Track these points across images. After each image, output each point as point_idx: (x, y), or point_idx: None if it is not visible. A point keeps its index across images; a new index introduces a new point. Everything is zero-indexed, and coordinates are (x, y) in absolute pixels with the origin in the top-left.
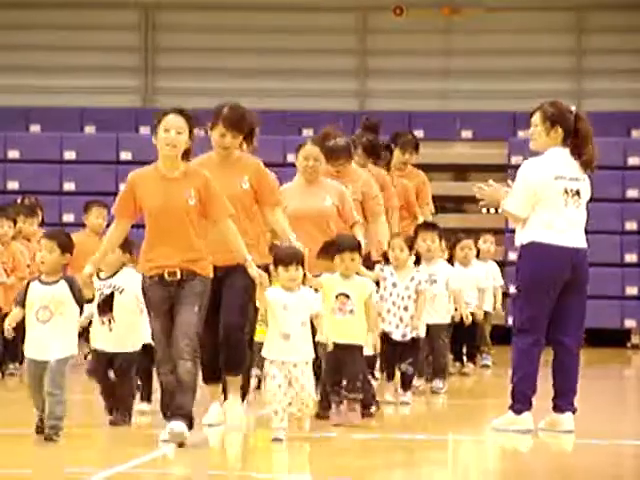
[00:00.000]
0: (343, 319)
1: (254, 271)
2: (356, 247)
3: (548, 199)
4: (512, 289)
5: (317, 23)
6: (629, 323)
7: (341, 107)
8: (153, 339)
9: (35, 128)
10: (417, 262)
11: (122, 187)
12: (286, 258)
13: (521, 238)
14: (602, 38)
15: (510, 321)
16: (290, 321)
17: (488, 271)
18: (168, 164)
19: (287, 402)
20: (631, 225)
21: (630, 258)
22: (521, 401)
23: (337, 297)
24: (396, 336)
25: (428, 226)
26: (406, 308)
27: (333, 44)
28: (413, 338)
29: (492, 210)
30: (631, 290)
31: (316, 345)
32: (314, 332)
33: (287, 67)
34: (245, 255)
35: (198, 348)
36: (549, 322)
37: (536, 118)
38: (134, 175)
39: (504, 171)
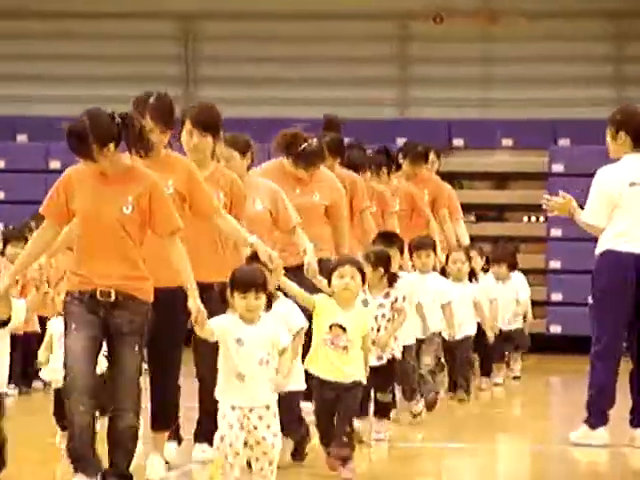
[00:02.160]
0: (334, 354)
1: (194, 304)
2: (357, 263)
3: (623, 207)
4: (554, 296)
5: (357, 31)
6: None
7: (381, 115)
8: (67, 362)
9: None
10: (391, 282)
11: None
12: (242, 283)
13: (598, 248)
14: None
15: (552, 329)
16: (245, 358)
17: (516, 284)
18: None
19: (240, 447)
20: None
21: None
22: (596, 416)
23: (331, 328)
24: (371, 361)
25: (386, 239)
26: (379, 329)
27: (373, 52)
28: (389, 360)
29: (533, 218)
30: None
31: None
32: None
33: (327, 75)
34: (188, 282)
35: (141, 397)
36: (628, 333)
37: (609, 125)
38: (72, 169)
39: (544, 179)
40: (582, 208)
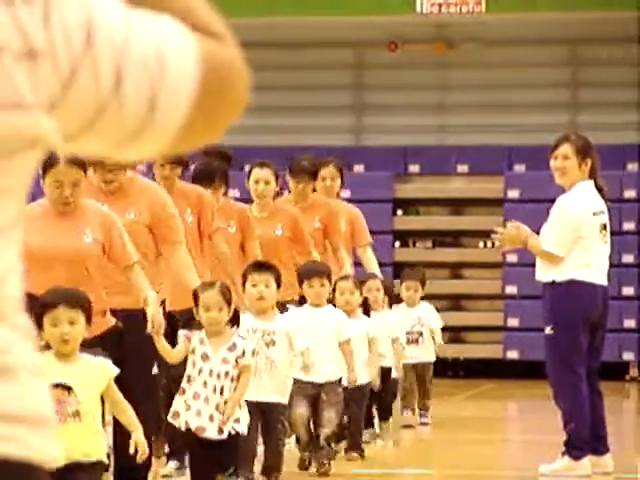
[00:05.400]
0: (63, 429)
1: None
2: (77, 302)
3: (587, 237)
4: (511, 322)
5: (312, 59)
6: (627, 356)
7: (337, 143)
8: None
9: None
10: (234, 322)
11: None
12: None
13: (553, 275)
14: (597, 71)
15: (509, 355)
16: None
17: (423, 315)
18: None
19: None
20: (628, 258)
21: (628, 291)
22: (579, 447)
23: (52, 390)
24: (210, 433)
25: (259, 269)
26: (223, 390)
27: (328, 80)
28: (231, 434)
29: (489, 244)
30: (629, 323)
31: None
32: None
33: (283, 103)
34: None
35: None
36: None
37: (565, 150)
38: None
39: (500, 205)
40: (537, 233)
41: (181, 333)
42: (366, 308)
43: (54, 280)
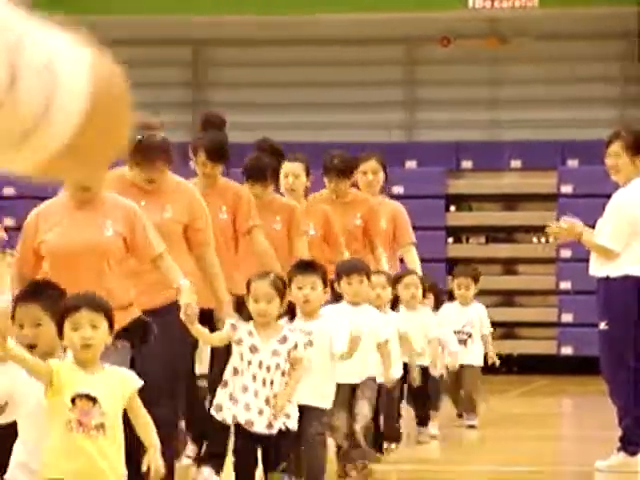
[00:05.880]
0: (87, 443)
1: None
2: (100, 306)
3: None
4: (565, 317)
5: (364, 55)
6: None
7: (389, 139)
8: None
9: None
10: (292, 317)
11: None
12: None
13: (608, 271)
14: None
15: (563, 351)
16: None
17: (475, 316)
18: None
19: None
20: None
21: None
22: (635, 442)
23: (74, 401)
24: (258, 427)
25: (304, 268)
26: (273, 383)
27: (381, 76)
28: (281, 430)
29: (543, 239)
30: None
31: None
32: None
33: (335, 100)
34: None
35: None
36: None
37: (616, 148)
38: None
39: (554, 200)
40: (592, 228)
41: (228, 321)
42: (395, 305)
43: (76, 275)
